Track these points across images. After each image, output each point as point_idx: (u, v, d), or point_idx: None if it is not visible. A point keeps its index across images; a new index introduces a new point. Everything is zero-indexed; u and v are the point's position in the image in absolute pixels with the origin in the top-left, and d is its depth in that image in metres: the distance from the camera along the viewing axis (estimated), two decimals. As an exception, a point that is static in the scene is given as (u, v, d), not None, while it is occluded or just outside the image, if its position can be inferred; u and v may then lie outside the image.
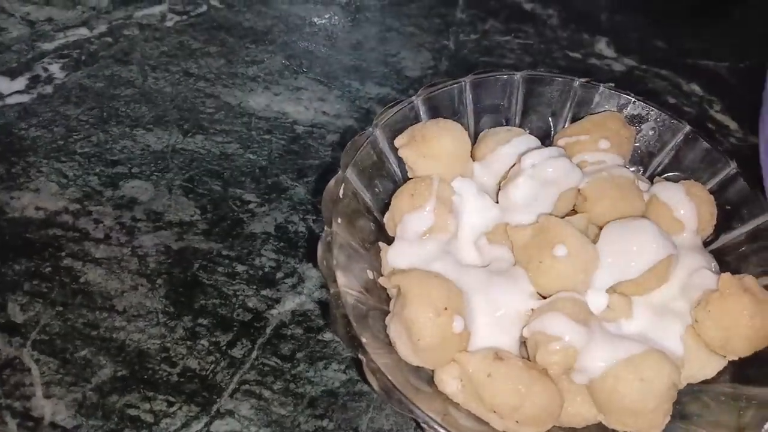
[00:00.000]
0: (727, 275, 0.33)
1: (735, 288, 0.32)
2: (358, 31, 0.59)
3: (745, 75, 0.59)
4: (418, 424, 0.29)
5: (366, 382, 0.30)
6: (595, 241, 0.35)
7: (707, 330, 0.33)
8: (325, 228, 0.33)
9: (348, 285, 0.33)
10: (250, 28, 0.58)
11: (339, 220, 0.34)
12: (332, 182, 0.35)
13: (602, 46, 0.59)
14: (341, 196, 0.35)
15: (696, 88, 0.57)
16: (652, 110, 0.41)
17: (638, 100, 0.41)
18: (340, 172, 0.36)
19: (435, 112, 0.41)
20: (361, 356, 0.30)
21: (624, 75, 0.57)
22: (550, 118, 0.43)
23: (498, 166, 0.39)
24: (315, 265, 0.42)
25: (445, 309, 0.32)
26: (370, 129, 0.38)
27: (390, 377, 0.30)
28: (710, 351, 0.33)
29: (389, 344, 0.33)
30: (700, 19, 0.63)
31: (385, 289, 0.36)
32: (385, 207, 0.39)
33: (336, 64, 0.55)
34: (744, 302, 0.32)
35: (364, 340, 0.30)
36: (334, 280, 0.32)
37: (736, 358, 0.34)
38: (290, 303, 0.41)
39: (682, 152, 0.41)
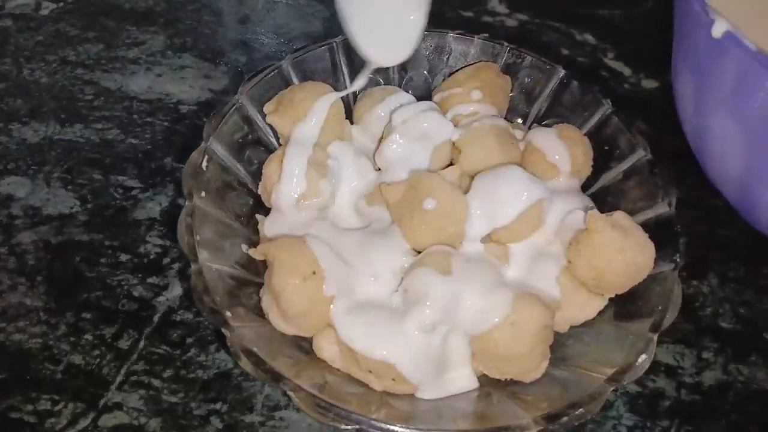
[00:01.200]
0: (593, 213, 0.33)
1: (602, 225, 0.32)
2: (245, 4, 0.57)
3: (639, 20, 0.59)
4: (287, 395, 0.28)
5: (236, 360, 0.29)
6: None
7: (581, 270, 0.33)
8: (186, 202, 0.32)
9: (216, 260, 0.32)
10: (131, 10, 0.56)
11: (203, 194, 0.33)
12: (194, 154, 0.34)
13: (494, 3, 0.59)
14: (205, 168, 0.34)
15: (589, 37, 0.57)
16: (526, 57, 0.41)
17: (512, 48, 0.41)
18: (202, 143, 0.35)
19: (308, 77, 0.39)
20: (224, 331, 0.29)
21: (517, 30, 0.57)
22: (427, 74, 0.42)
23: (375, 127, 0.38)
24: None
25: (313, 273, 0.31)
26: (236, 97, 0.37)
27: (257, 349, 0.29)
28: (588, 291, 0.33)
29: (264, 317, 0.32)
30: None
31: (264, 261, 0.35)
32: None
33: (222, 40, 0.54)
34: (612, 238, 0.32)
35: (228, 314, 0.29)
36: (195, 256, 0.30)
37: (613, 296, 0.34)
38: (178, 288, 0.40)
39: (559, 97, 0.41)
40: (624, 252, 0.32)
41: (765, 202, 0.34)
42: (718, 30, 0.30)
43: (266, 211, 0.37)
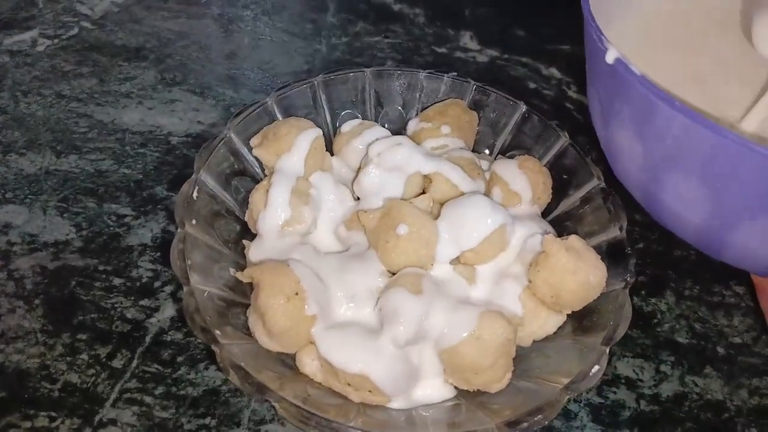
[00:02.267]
0: (549, 237, 0.36)
1: (557, 248, 0.35)
2: (232, 41, 0.60)
3: (602, 56, 0.63)
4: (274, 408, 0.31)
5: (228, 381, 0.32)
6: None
7: (539, 289, 0.36)
8: (178, 230, 0.35)
9: (206, 283, 0.34)
10: (123, 46, 0.58)
11: (194, 222, 0.36)
12: (185, 185, 0.37)
13: (467, 39, 0.62)
14: (195, 198, 0.36)
15: (555, 71, 0.60)
16: (492, 94, 0.44)
17: (478, 85, 0.44)
18: (193, 175, 0.37)
19: (290, 112, 0.42)
20: (214, 347, 0.31)
21: (487, 65, 0.60)
22: (401, 109, 0.45)
23: (353, 158, 0.41)
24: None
25: (296, 294, 0.33)
26: (224, 132, 0.40)
27: (244, 364, 0.31)
28: (548, 309, 0.36)
29: (251, 335, 0.35)
30: (557, 6, 0.66)
31: (251, 283, 0.37)
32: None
33: (210, 75, 0.57)
34: (567, 260, 0.35)
35: (218, 332, 0.32)
36: (187, 279, 0.33)
37: (570, 312, 0.37)
38: (169, 310, 0.42)
39: (521, 130, 0.44)
40: (577, 272, 0.35)
41: (664, 205, 0.37)
42: (610, 57, 0.34)
43: (252, 237, 0.40)
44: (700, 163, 0.32)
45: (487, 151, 0.46)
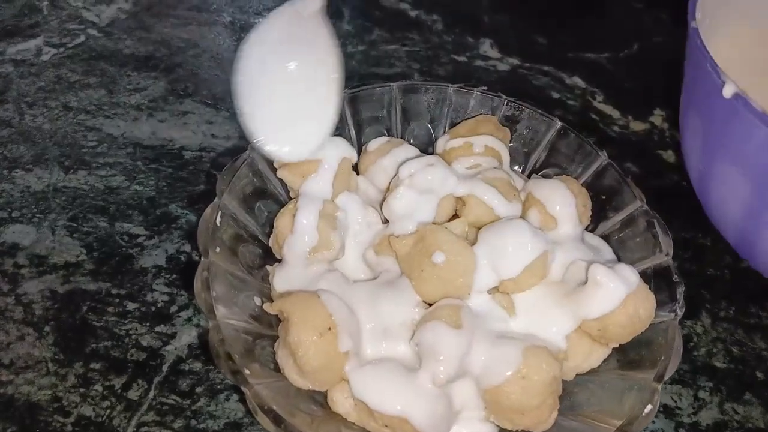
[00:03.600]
0: (594, 265, 0.34)
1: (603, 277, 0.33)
2: (244, 50, 0.58)
3: (625, 63, 0.61)
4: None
5: (252, 415, 0.30)
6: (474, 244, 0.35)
7: (585, 322, 0.34)
8: (202, 259, 0.33)
9: (231, 316, 0.33)
10: (131, 55, 0.56)
11: (218, 249, 0.34)
12: (208, 210, 0.35)
13: (486, 47, 0.60)
14: (218, 224, 0.34)
15: (578, 80, 0.59)
16: (524, 109, 0.42)
17: (510, 101, 0.42)
18: (216, 199, 0.35)
19: (314, 130, 0.40)
20: (244, 388, 0.29)
21: (508, 74, 0.58)
22: (429, 125, 0.43)
23: (380, 178, 0.39)
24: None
25: (329, 329, 0.31)
26: (248, 152, 0.38)
27: (275, 406, 0.29)
28: (593, 341, 0.34)
29: (279, 371, 0.33)
30: (578, 14, 0.65)
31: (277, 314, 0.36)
32: (271, 230, 0.38)
33: (223, 85, 0.55)
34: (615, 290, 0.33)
35: (247, 371, 0.30)
36: (213, 313, 0.31)
37: (617, 345, 0.35)
38: (187, 337, 0.40)
39: (557, 147, 0.42)
40: (627, 304, 0.33)
41: (763, 243, 0.36)
42: (728, 91, 0.32)
43: (275, 261, 0.38)
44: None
45: (517, 167, 0.44)
